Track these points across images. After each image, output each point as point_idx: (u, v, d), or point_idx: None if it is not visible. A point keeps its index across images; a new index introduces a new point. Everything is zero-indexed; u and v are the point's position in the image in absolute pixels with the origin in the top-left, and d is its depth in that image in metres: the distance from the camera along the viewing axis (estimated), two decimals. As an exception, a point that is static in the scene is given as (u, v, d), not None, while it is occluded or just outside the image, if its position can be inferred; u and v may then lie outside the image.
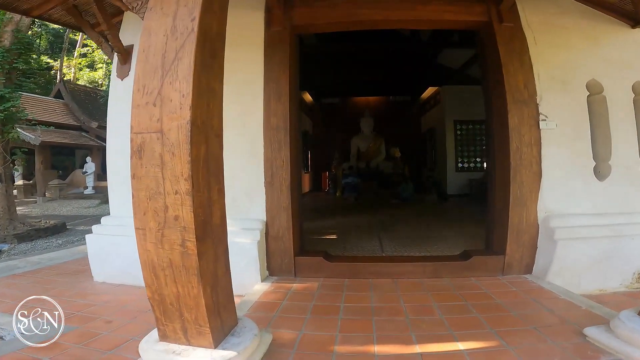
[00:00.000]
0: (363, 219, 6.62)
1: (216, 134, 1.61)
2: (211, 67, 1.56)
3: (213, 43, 1.58)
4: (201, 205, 1.52)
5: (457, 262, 3.39)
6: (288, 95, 3.35)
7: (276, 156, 3.35)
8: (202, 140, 1.49)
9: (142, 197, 1.52)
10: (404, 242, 4.57)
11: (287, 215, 3.38)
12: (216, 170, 1.62)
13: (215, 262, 1.72)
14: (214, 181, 1.62)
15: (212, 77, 1.56)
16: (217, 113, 1.60)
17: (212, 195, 1.61)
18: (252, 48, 3.45)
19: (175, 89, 1.42)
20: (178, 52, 1.44)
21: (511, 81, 3.24)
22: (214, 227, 1.66)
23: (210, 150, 1.56)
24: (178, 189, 1.45)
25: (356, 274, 3.37)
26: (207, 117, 1.52)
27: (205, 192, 1.54)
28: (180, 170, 1.42)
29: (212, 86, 1.57)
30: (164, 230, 1.53)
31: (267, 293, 3.02)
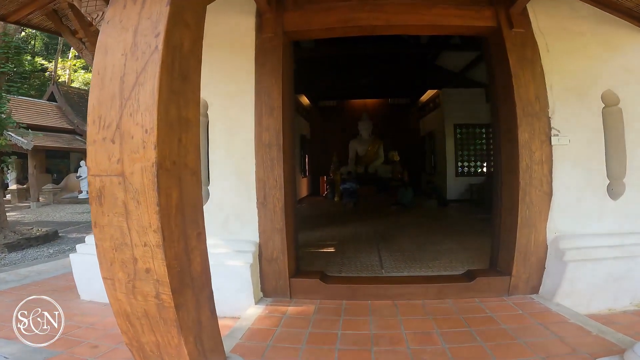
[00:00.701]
0: (361, 228, 6.44)
1: (192, 172, 1.37)
2: (182, 93, 1.32)
3: (185, 63, 1.34)
4: (176, 257, 1.29)
5: (460, 284, 3.20)
6: (281, 109, 3.12)
7: (269, 175, 3.12)
8: (174, 184, 1.26)
9: (107, 247, 1.29)
10: (404, 255, 4.40)
11: (282, 237, 3.16)
12: (194, 215, 1.39)
13: (198, 310, 1.51)
14: (192, 227, 1.39)
15: (185, 104, 1.32)
16: (192, 148, 1.37)
17: (190, 243, 1.38)
18: (241, 57, 3.21)
19: (136, 123, 1.18)
20: (139, 75, 1.20)
21: (522, 93, 3.02)
22: (195, 276, 1.43)
23: (185, 194, 1.32)
24: (147, 241, 1.22)
25: (355, 296, 3.19)
26: (179, 155, 1.29)
27: (181, 242, 1.32)
28: (148, 221, 1.19)
29: (185, 116, 1.33)
30: (135, 282, 1.31)
31: (260, 318, 2.85)
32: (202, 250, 1.46)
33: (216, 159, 3.24)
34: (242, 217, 3.20)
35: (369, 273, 3.81)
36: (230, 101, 3.20)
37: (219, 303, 3.08)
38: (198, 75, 1.44)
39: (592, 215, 3.10)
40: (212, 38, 3.30)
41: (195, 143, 1.39)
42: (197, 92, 1.43)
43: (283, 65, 3.20)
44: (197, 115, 1.41)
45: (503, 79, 3.17)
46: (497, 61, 3.26)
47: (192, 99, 1.39)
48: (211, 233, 3.26)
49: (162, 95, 1.19)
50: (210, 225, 3.26)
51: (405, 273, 3.76)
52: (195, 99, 1.41)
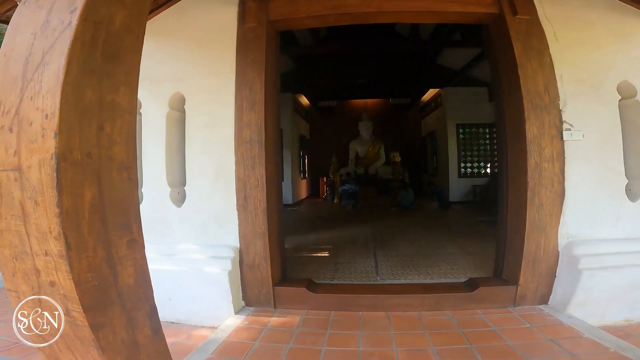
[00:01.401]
0: (359, 231, 6.19)
1: (121, 167, 1.12)
2: (108, 75, 1.08)
3: (114, 41, 1.09)
4: (91, 269, 1.04)
5: (461, 293, 2.92)
6: (263, 103, 2.86)
7: (250, 175, 2.86)
8: (88, 180, 1.01)
9: (7, 255, 1.05)
10: (402, 260, 4.14)
11: (264, 242, 2.89)
12: (122, 219, 1.14)
13: (131, 329, 1.26)
14: (119, 233, 1.13)
15: (111, 87, 1.08)
16: (122, 138, 1.11)
17: (117, 252, 1.12)
18: (222, 49, 2.97)
19: (36, 107, 0.94)
20: (46, 54, 0.96)
21: (529, 84, 2.74)
22: (124, 290, 1.18)
23: (107, 193, 1.07)
24: (48, 249, 0.98)
25: (345, 306, 2.92)
26: (98, 147, 1.03)
27: (100, 251, 1.06)
28: (47, 225, 0.94)
29: (111, 101, 1.08)
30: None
31: (239, 329, 2.61)
32: (136, 259, 1.20)
33: (193, 157, 2.99)
34: (221, 220, 2.94)
35: (362, 280, 3.55)
36: (209, 95, 2.96)
37: (196, 312, 2.82)
38: (136, 56, 1.19)
39: (608, 218, 2.82)
40: (191, 31, 3.08)
41: (128, 133, 1.13)
42: (133, 75, 1.17)
43: (266, 56, 2.94)
44: (132, 101, 1.16)
45: (508, 69, 2.89)
46: (500, 51, 2.99)
47: (126, 82, 1.14)
48: (187, 237, 3.04)
49: (71, 75, 0.95)
50: (187, 229, 3.05)
51: (402, 280, 3.50)
52: (130, 83, 1.15)
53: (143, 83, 3.04)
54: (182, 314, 2.85)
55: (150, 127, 3.06)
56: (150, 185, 3.09)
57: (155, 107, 3.05)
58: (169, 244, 3.00)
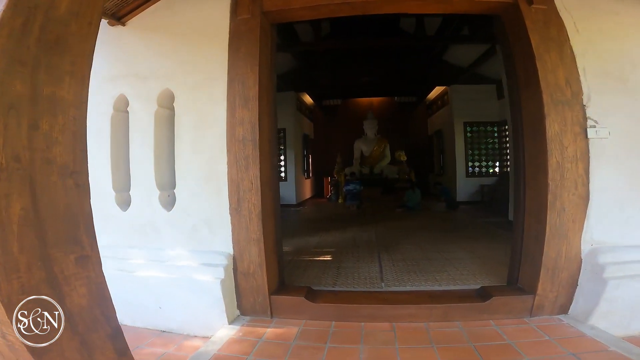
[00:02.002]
0: (364, 233, 5.97)
1: (66, 171, 0.93)
2: (49, 64, 0.90)
3: (57, 27, 0.93)
4: (25, 291, 0.86)
5: (473, 304, 2.70)
6: (257, 99, 2.66)
7: (243, 176, 2.67)
8: (16, 188, 0.82)
9: None
10: (408, 265, 3.94)
11: (259, 248, 2.70)
12: (70, 232, 0.95)
13: (88, 353, 1.08)
14: (65, 249, 0.95)
15: (53, 78, 0.90)
16: (66, 138, 0.93)
17: (62, 271, 0.94)
18: (214, 43, 2.78)
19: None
20: None
21: (549, 77, 2.51)
22: (75, 311, 1.00)
23: (44, 203, 0.88)
24: None
25: (346, 317, 2.73)
26: (31, 148, 0.85)
27: (36, 271, 0.88)
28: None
29: (53, 93, 0.90)
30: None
31: (232, 341, 2.43)
32: (90, 278, 1.02)
33: (183, 158, 2.81)
34: (213, 225, 2.75)
35: (366, 287, 3.34)
36: (199, 92, 2.77)
37: (187, 321, 2.59)
38: (86, 44, 1.00)
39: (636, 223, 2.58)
40: (180, 25, 2.88)
41: (74, 131, 0.95)
42: (81, 65, 0.99)
43: (261, 49, 2.75)
44: (80, 94, 0.97)
45: (524, 62, 2.67)
46: (515, 42, 2.76)
47: (72, 72, 0.96)
48: (177, 242, 2.79)
49: None
50: (177, 234, 2.79)
51: (408, 287, 3.28)
52: (77, 73, 0.97)
53: (128, 79, 2.94)
54: (174, 322, 2.69)
55: (137, 126, 2.89)
56: (138, 188, 2.92)
57: (143, 105, 2.87)
58: (158, 250, 2.83)
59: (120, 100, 2.94)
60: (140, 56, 2.88)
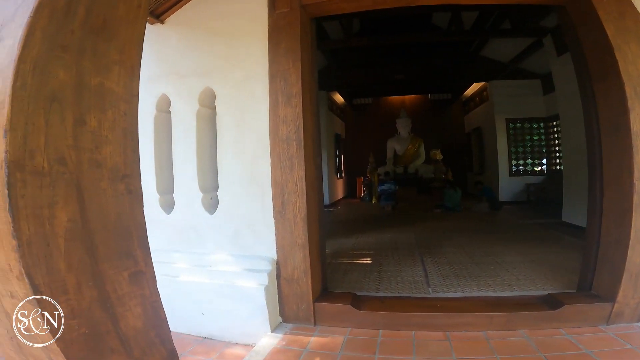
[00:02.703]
0: (402, 234, 5.72)
1: (117, 175, 0.82)
2: (96, 51, 0.79)
3: (103, 9, 0.81)
4: (76, 314, 0.75)
5: (540, 312, 2.46)
6: (300, 96, 2.53)
7: (287, 178, 2.55)
8: (60, 197, 0.71)
9: None
10: (455, 269, 3.69)
11: (304, 253, 2.57)
12: (123, 245, 0.84)
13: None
14: (117, 265, 0.83)
15: (101, 67, 0.79)
16: (117, 136, 0.82)
17: (115, 290, 0.83)
18: (253, 38, 2.68)
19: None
20: (3, 28, 0.68)
21: (630, 69, 2.25)
22: (130, 334, 0.89)
23: (93, 213, 0.77)
24: (12, 291, 0.70)
25: (394, 325, 2.56)
26: (78, 148, 0.74)
27: (88, 290, 0.77)
28: (6, 261, 0.66)
29: (101, 84, 0.79)
30: (19, 341, 0.80)
31: (275, 352, 2.32)
32: (144, 297, 0.90)
33: (225, 159, 2.73)
34: (256, 229, 2.66)
35: (412, 292, 3.14)
36: (239, 90, 2.68)
37: (228, 328, 2.50)
38: (135, 29, 0.89)
39: None
40: (217, 21, 2.79)
41: (125, 128, 0.83)
42: (130, 53, 0.88)
43: (302, 44, 2.62)
44: (131, 87, 0.86)
45: (598, 54, 2.42)
46: (586, 34, 2.51)
47: (120, 61, 0.84)
48: (220, 247, 2.69)
49: (31, 50, 0.66)
50: (219, 238, 2.68)
51: (459, 293, 3.05)
52: (126, 63, 0.86)
53: (170, 78, 2.88)
54: (216, 329, 2.63)
55: (180, 127, 2.84)
56: (181, 190, 2.88)
57: (185, 105, 2.82)
58: (201, 254, 2.77)
59: (163, 100, 2.91)
60: (180, 54, 2.84)
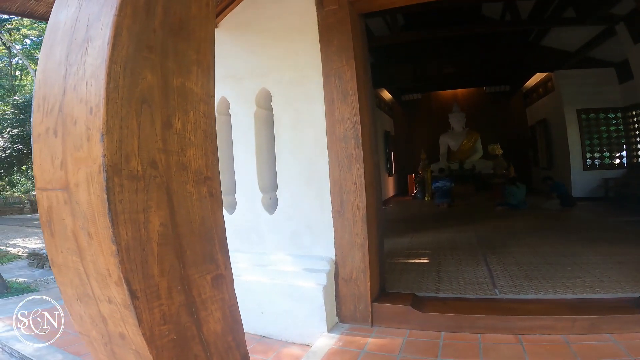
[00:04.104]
0: (461, 233, 5.43)
1: (200, 178, 0.83)
2: (176, 51, 0.79)
3: (178, 7, 0.80)
4: (167, 320, 0.77)
5: (630, 315, 2.21)
6: (356, 94, 2.49)
7: (346, 177, 2.52)
8: (155, 200, 0.72)
9: (70, 295, 0.84)
10: (524, 270, 3.41)
11: (363, 253, 2.53)
12: (206, 248, 0.86)
13: None
14: (202, 269, 0.85)
15: (182, 67, 0.79)
16: (199, 138, 0.83)
17: (199, 294, 0.85)
18: (303, 37, 2.69)
19: (80, 99, 0.68)
20: (90, 27, 0.70)
21: None
22: (211, 339, 0.90)
23: (181, 216, 0.79)
24: (110, 296, 0.72)
25: (458, 327, 2.44)
26: (166, 151, 0.75)
27: (177, 295, 0.78)
28: (105, 266, 0.69)
29: (183, 85, 0.80)
30: (113, 347, 0.85)
31: (332, 353, 2.31)
32: (224, 300, 0.91)
33: (283, 159, 2.77)
34: (315, 228, 2.66)
35: (476, 293, 2.97)
36: (294, 89, 2.71)
37: (286, 328, 2.54)
38: (207, 28, 0.90)
39: None
40: (267, 21, 2.85)
41: (205, 130, 0.84)
42: (205, 53, 0.88)
43: (354, 41, 2.58)
44: (208, 87, 0.87)
45: None
46: None
47: (198, 61, 0.85)
48: (279, 247, 2.75)
49: (120, 50, 0.67)
50: (279, 238, 2.74)
51: (531, 295, 2.83)
52: (203, 62, 0.86)
53: (227, 81, 2.96)
54: (273, 328, 2.68)
55: (239, 128, 2.94)
56: (242, 191, 2.98)
57: (243, 107, 2.91)
58: (261, 254, 2.84)
59: (222, 103, 3.03)
60: (234, 57, 2.92)
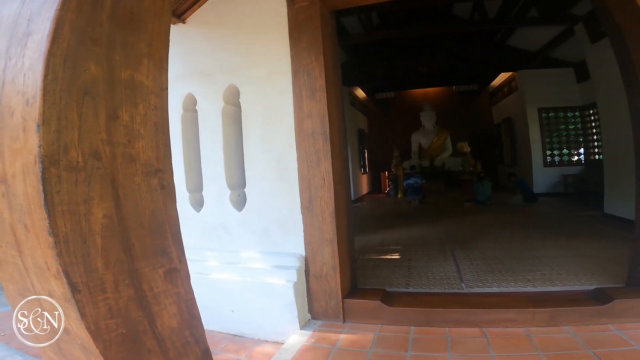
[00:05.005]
0: (431, 229, 5.58)
1: (150, 170, 0.81)
2: (126, 44, 0.77)
3: (129, 1, 0.79)
4: (114, 314, 0.75)
5: (587, 307, 2.32)
6: (325, 90, 2.50)
7: (314, 173, 2.52)
8: (95, 192, 0.70)
9: (12, 291, 0.80)
10: (489, 264, 3.54)
11: (332, 248, 2.54)
12: (158, 241, 0.83)
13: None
14: (153, 263, 0.82)
15: (131, 60, 0.77)
16: (149, 130, 0.81)
17: (151, 288, 0.82)
18: (274, 34, 2.67)
19: (17, 91, 0.65)
20: (31, 22, 0.68)
21: None
22: (166, 334, 0.88)
23: (128, 208, 0.76)
24: (50, 290, 0.70)
25: (427, 322, 2.49)
26: (111, 143, 0.73)
27: (124, 289, 0.76)
28: (43, 259, 0.66)
29: (132, 77, 0.77)
30: (59, 342, 0.81)
31: (305, 349, 2.31)
32: (179, 294, 0.89)
33: (251, 156, 2.74)
34: (284, 225, 2.65)
35: (444, 288, 3.04)
36: (263, 86, 2.68)
37: (258, 326, 2.50)
38: (161, 22, 0.88)
39: None
40: (238, 17, 2.79)
41: (157, 123, 0.82)
42: (158, 46, 0.86)
43: (323, 38, 2.58)
44: (160, 80, 0.85)
45: (637, 36, 2.27)
46: (625, 18, 2.36)
47: (149, 54, 0.83)
48: (249, 244, 2.69)
49: (61, 43, 0.64)
50: (248, 235, 2.69)
51: (495, 288, 2.92)
52: (155, 55, 0.84)
53: (195, 78, 2.89)
54: (246, 326, 2.65)
55: (207, 125, 2.88)
56: (209, 188, 2.91)
57: (210, 103, 2.85)
58: (231, 252, 2.80)
59: (189, 99, 2.95)
60: (203, 53, 2.87)
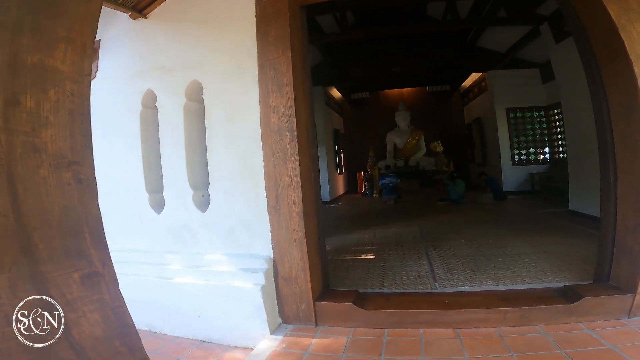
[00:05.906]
0: (406, 228, 5.59)
1: (62, 162, 0.69)
2: (38, 29, 0.68)
3: None
4: (10, 322, 0.62)
5: (557, 306, 2.32)
6: (292, 85, 2.40)
7: (281, 171, 2.42)
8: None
9: None
10: (462, 262, 3.55)
11: (301, 250, 2.45)
12: (71, 242, 0.72)
13: None
14: (65, 266, 0.71)
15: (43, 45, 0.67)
16: (61, 118, 0.70)
17: (63, 294, 0.70)
18: (240, 28, 2.56)
19: None
20: None
21: (638, 49, 2.14)
22: (87, 344, 0.76)
23: (29, 205, 0.64)
24: None
25: (401, 323, 2.43)
26: (7, 129, 0.61)
27: (23, 294, 0.64)
28: None
29: (41, 62, 0.67)
30: None
31: (275, 355, 2.21)
32: (103, 301, 0.78)
33: (215, 154, 2.61)
34: (251, 225, 2.53)
35: (418, 288, 3.00)
36: (228, 82, 2.56)
37: (228, 330, 2.35)
38: (88, 6, 0.77)
39: None
40: (204, 12, 2.66)
41: (72, 111, 0.71)
42: (81, 32, 0.76)
43: (292, 32, 2.49)
44: (80, 67, 0.75)
45: (603, 36, 2.30)
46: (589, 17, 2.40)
47: (68, 39, 0.74)
48: (214, 246, 2.53)
49: None
50: (213, 237, 2.52)
51: (467, 287, 2.92)
52: (76, 41, 0.74)
53: (155, 73, 2.71)
54: (213, 332, 2.51)
55: (167, 122, 2.72)
56: (171, 188, 2.76)
57: (171, 100, 2.70)
58: (195, 254, 2.65)
59: (148, 95, 2.79)
60: (165, 48, 2.73)
